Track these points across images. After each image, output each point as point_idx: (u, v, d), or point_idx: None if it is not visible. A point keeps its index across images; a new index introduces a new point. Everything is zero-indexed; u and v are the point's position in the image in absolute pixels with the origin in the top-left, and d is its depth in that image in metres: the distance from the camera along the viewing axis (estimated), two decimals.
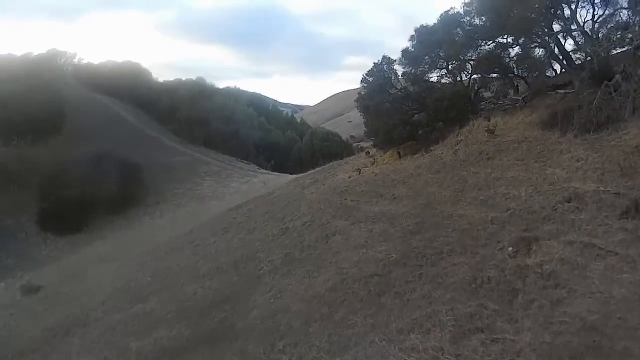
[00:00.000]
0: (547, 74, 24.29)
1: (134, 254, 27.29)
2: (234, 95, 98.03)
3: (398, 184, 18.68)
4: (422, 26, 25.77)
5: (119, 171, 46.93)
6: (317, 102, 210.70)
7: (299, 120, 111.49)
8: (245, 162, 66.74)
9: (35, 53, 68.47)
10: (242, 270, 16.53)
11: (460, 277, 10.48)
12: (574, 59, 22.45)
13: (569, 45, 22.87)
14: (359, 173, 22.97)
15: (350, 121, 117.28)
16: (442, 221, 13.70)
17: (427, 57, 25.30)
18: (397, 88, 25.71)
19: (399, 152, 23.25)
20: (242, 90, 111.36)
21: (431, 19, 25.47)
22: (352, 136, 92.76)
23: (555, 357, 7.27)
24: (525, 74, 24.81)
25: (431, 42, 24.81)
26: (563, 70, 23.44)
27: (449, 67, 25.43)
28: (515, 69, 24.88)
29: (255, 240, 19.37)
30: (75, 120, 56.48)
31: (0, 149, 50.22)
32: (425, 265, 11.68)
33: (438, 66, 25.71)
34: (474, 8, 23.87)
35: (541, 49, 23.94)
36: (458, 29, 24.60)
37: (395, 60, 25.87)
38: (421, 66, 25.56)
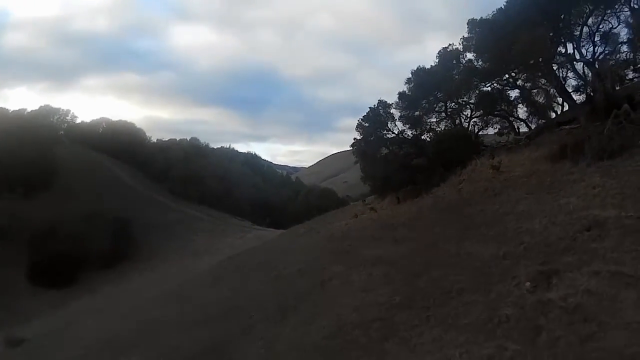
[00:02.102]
0: (549, 114, 23.75)
1: (121, 307, 26.43)
2: (228, 155, 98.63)
3: (398, 227, 17.57)
4: (419, 68, 25.20)
5: (111, 227, 46.57)
6: (312, 164, 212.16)
7: (294, 180, 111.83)
8: (240, 219, 66.31)
9: (29, 110, 68.33)
10: (232, 320, 15.28)
11: (474, 317, 9.20)
12: (578, 94, 22.15)
13: (571, 81, 22.60)
14: (356, 218, 21.93)
15: (346, 182, 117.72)
16: (449, 260, 12.47)
17: (424, 99, 24.64)
18: (394, 132, 24.91)
19: (398, 197, 22.30)
20: (237, 151, 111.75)
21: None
22: (348, 196, 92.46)
23: None
24: (527, 115, 24.25)
25: (429, 84, 24.23)
26: (565, 108, 22.91)
27: (448, 109, 24.77)
28: (515, 112, 24.30)
29: (246, 290, 18.24)
30: (68, 176, 56.62)
31: None
32: (433, 306, 10.39)
33: (436, 109, 25.02)
34: (473, 43, 23.16)
35: (541, 90, 23.55)
36: (457, 64, 23.97)
37: (391, 104, 25.19)
38: (419, 109, 24.84)
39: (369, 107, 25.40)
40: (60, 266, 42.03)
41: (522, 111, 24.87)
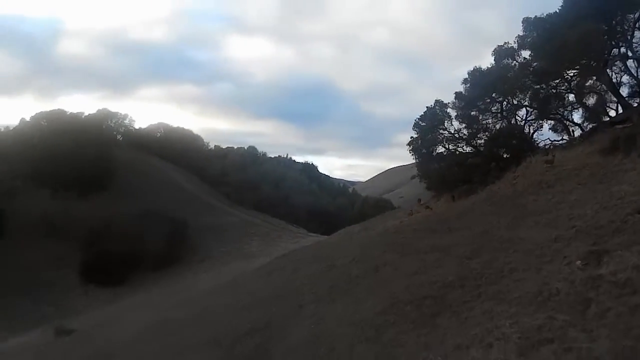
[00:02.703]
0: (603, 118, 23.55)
1: (173, 299, 26.87)
2: (285, 164, 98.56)
3: (452, 219, 17.70)
4: (475, 68, 25.20)
5: (165, 228, 46.89)
6: (368, 178, 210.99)
7: (350, 192, 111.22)
8: (296, 226, 66.31)
9: (86, 114, 69.67)
10: (283, 302, 15.68)
11: (525, 292, 9.39)
12: (632, 99, 22.13)
13: (625, 87, 22.70)
14: (411, 216, 22.03)
15: (402, 197, 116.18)
16: (501, 245, 12.61)
17: (480, 99, 24.61)
18: (450, 132, 24.95)
19: (453, 196, 22.30)
20: (294, 160, 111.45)
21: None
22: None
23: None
24: (582, 120, 24.09)
25: (485, 84, 24.17)
26: (620, 111, 22.70)
27: (504, 109, 24.72)
28: (570, 115, 24.15)
29: (298, 278, 18.48)
30: (124, 178, 57.65)
31: (47, 202, 51.08)
32: (484, 284, 10.59)
33: (492, 109, 24.97)
34: (528, 41, 23.16)
35: (595, 94, 23.42)
36: (512, 63, 23.92)
37: (448, 104, 25.25)
38: (475, 109, 24.84)
39: (426, 107, 25.46)
40: (112, 265, 42.65)
41: (577, 116, 24.68)
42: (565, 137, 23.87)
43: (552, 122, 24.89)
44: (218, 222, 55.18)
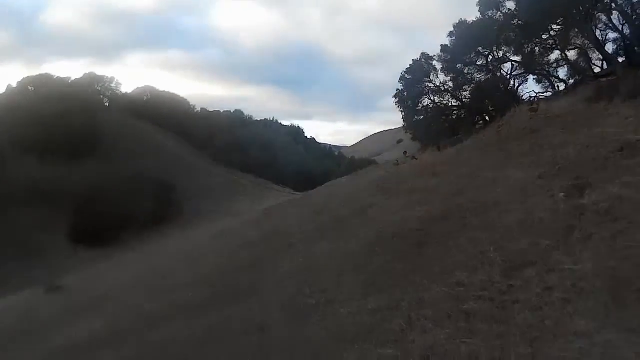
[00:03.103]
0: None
1: (163, 251, 27.21)
2: (272, 127, 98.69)
3: (438, 165, 18.04)
4: (460, 21, 25.42)
5: (154, 190, 47.23)
6: (354, 143, 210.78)
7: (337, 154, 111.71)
8: (282, 186, 66.83)
9: (73, 78, 69.15)
10: (272, 243, 16.07)
11: (509, 222, 9.69)
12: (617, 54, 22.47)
13: (610, 44, 23.27)
14: (398, 166, 22.34)
15: (388, 160, 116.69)
16: (486, 184, 12.95)
17: (466, 52, 24.83)
18: (435, 85, 25.21)
19: (438, 147, 22.57)
20: (280, 124, 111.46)
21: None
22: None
23: (623, 280, 6.49)
24: (567, 77, 24.41)
25: (470, 37, 24.40)
26: (604, 67, 23.09)
27: (489, 63, 24.95)
28: (556, 72, 24.45)
29: (287, 222, 18.85)
30: (112, 142, 57.66)
31: (35, 167, 51.13)
32: (469, 217, 10.87)
33: (477, 62, 25.21)
34: None
35: (580, 51, 23.71)
36: (497, 15, 24.12)
37: (433, 57, 25.52)
38: (460, 62, 25.08)
39: (412, 59, 25.68)
40: (101, 227, 42.99)
41: (562, 73, 25.01)
42: (550, 90, 24.26)
43: (538, 79, 25.28)
44: (205, 183, 55.66)
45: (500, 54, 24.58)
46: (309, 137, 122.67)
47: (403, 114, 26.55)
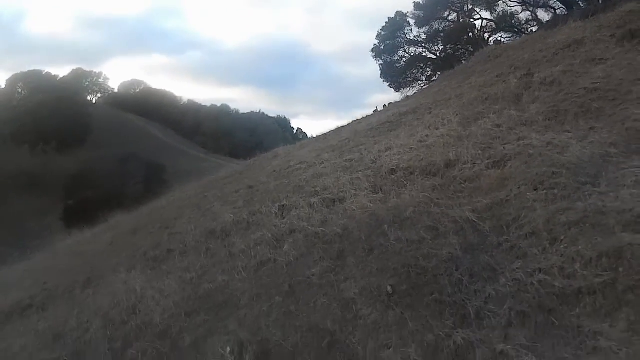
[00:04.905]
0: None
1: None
2: (258, 117, 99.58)
3: (416, 95, 19.55)
4: None
5: (144, 171, 48.08)
6: None
7: None
8: None
9: (61, 76, 69.56)
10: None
11: (468, 99, 11.79)
12: None
13: None
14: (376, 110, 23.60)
15: None
16: (453, 91, 14.50)
17: (437, 7, 26.14)
18: (409, 38, 26.55)
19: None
20: (266, 115, 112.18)
21: None
22: None
23: (562, 111, 8.57)
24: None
25: None
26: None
27: (460, 17, 26.27)
28: (526, 30, 25.75)
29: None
30: (102, 133, 58.39)
31: (26, 157, 52.04)
32: (434, 108, 12.61)
33: (448, 18, 26.53)
34: None
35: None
36: None
37: (407, 14, 26.74)
38: (432, 18, 26.40)
39: (388, 17, 26.99)
40: (93, 208, 43.67)
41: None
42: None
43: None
44: (194, 167, 56.43)
45: (470, 6, 25.81)
46: (294, 127, 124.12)
47: (381, 66, 27.93)
